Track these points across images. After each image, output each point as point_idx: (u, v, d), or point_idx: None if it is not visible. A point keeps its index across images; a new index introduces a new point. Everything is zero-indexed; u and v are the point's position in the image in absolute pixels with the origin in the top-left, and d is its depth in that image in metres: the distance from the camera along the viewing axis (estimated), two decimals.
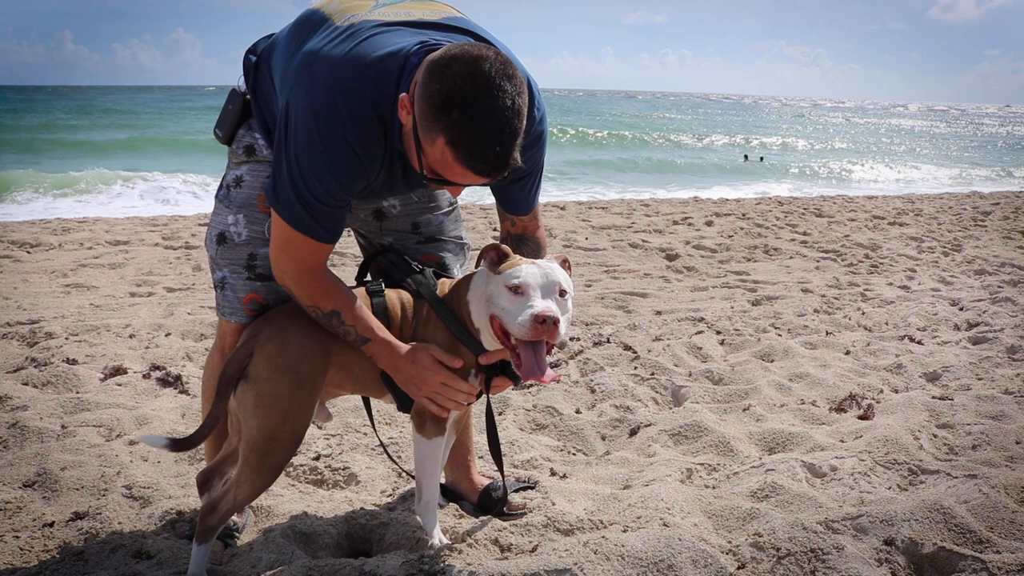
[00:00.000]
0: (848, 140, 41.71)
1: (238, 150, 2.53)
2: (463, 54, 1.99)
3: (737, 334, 5.41)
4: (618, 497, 2.99)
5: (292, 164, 2.16)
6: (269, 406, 2.30)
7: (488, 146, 1.99)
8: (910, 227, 11.24)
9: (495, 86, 1.97)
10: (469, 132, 1.98)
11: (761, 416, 3.89)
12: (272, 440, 2.31)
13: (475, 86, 1.96)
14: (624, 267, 8.07)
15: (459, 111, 1.96)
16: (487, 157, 2.00)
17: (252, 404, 2.30)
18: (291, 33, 2.36)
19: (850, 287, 7.33)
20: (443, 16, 2.34)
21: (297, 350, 2.33)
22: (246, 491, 2.35)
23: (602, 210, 12.26)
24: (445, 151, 2.01)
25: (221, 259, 2.54)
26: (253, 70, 2.47)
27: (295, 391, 2.32)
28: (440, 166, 2.07)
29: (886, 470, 3.23)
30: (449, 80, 1.96)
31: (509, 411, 3.92)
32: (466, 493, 2.96)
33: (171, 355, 4.65)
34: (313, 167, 2.15)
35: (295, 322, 2.37)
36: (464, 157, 2.00)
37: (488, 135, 1.98)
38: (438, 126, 1.99)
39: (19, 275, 7.17)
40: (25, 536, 2.66)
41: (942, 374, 4.57)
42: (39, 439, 3.43)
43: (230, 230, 2.51)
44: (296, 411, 2.33)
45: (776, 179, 22.24)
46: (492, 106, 1.97)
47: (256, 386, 2.30)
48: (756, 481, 3.11)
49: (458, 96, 1.96)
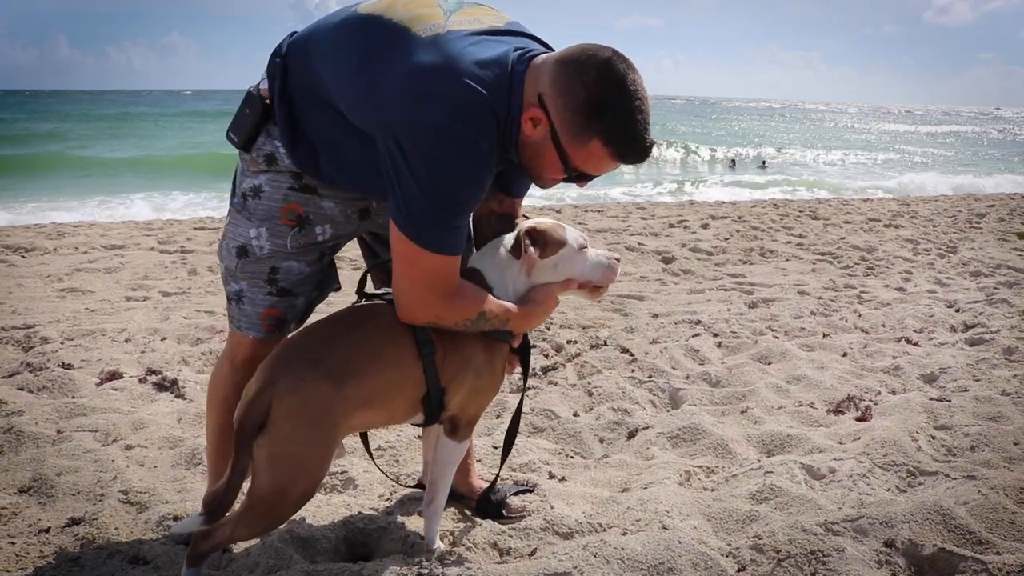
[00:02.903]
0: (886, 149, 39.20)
1: (258, 159, 2.42)
2: (591, 59, 2.14)
3: (734, 336, 5.41)
4: (617, 500, 2.98)
5: (430, 190, 2.12)
6: (284, 465, 2.17)
7: (642, 138, 2.18)
8: (905, 229, 11.25)
9: (631, 82, 2.14)
10: (624, 130, 2.16)
11: (759, 418, 3.88)
12: (282, 496, 2.19)
13: (618, 87, 2.13)
14: (620, 270, 8.07)
15: (612, 114, 2.13)
16: (641, 147, 2.20)
17: (266, 459, 2.17)
18: (349, 42, 2.28)
19: (846, 289, 7.34)
20: (505, 23, 2.36)
21: (318, 405, 2.18)
22: (244, 533, 2.27)
23: (598, 213, 12.26)
24: (601, 151, 2.19)
25: (240, 272, 2.50)
26: (281, 72, 2.36)
27: (313, 450, 2.20)
28: (591, 164, 2.24)
29: (885, 472, 3.23)
30: (592, 87, 2.12)
31: (507, 414, 3.91)
32: (465, 496, 2.95)
33: (167, 359, 4.63)
34: (458, 184, 2.15)
35: (315, 371, 2.20)
36: (622, 152, 2.20)
37: (640, 128, 2.17)
38: (592, 131, 2.15)
39: (14, 279, 7.14)
40: (20, 542, 2.65)
41: (939, 376, 4.57)
42: (34, 444, 3.41)
43: (252, 243, 2.47)
44: (311, 470, 2.22)
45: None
46: (637, 102, 2.15)
47: (272, 443, 2.15)
48: (755, 483, 3.11)
49: (607, 100, 2.13)
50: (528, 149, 2.24)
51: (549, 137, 2.19)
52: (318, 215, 2.46)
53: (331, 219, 2.48)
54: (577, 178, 2.30)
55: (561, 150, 2.19)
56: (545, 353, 4.91)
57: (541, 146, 2.22)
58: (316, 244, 2.51)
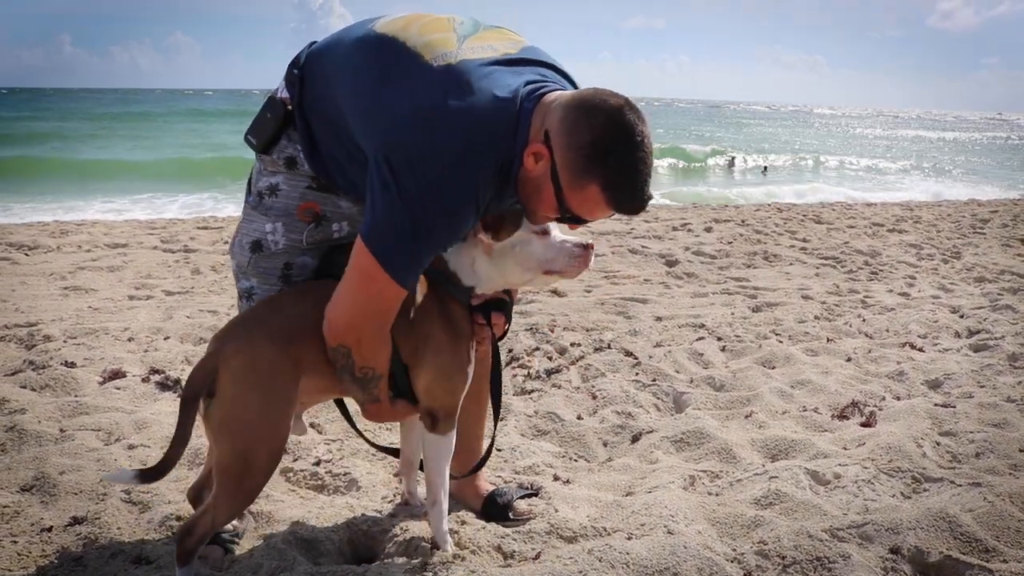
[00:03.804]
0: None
1: (278, 160, 2.45)
2: (603, 104, 2.12)
3: (738, 340, 5.39)
4: (621, 504, 2.97)
5: (417, 217, 2.12)
6: (239, 429, 2.18)
7: (641, 189, 2.16)
8: (909, 234, 11.23)
9: (639, 133, 2.12)
10: (624, 178, 2.14)
11: (763, 423, 3.87)
12: (246, 464, 2.19)
13: (624, 135, 2.11)
14: (624, 273, 8.06)
15: (615, 159, 2.11)
16: (639, 198, 2.18)
17: (219, 426, 2.18)
18: (362, 62, 2.29)
19: (850, 294, 7.32)
20: (519, 49, 2.35)
21: (266, 365, 2.19)
22: (223, 515, 2.25)
23: None
24: (598, 196, 2.15)
25: (253, 268, 2.50)
26: (299, 83, 2.40)
27: (265, 411, 2.20)
28: (585, 208, 2.20)
29: (890, 478, 3.21)
30: (599, 131, 2.10)
31: (511, 417, 3.90)
32: (470, 500, 2.94)
33: (170, 359, 4.62)
34: (444, 219, 2.16)
35: (263, 331, 2.23)
36: (618, 200, 2.17)
37: (640, 179, 2.15)
38: (592, 174, 2.13)
39: (17, 277, 7.14)
40: (23, 541, 2.64)
41: (944, 381, 4.55)
42: (37, 443, 3.40)
43: (267, 238, 2.47)
44: (269, 433, 2.21)
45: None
46: (641, 153, 2.13)
47: (222, 408, 2.17)
48: (759, 488, 3.09)
49: (611, 146, 2.10)
50: (527, 185, 2.24)
51: (549, 175, 2.17)
52: (335, 213, 2.47)
53: (348, 217, 2.48)
54: (570, 220, 2.27)
55: (559, 189, 2.17)
56: (549, 355, 4.90)
57: (540, 183, 2.20)
58: (332, 241, 2.51)
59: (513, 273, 2.45)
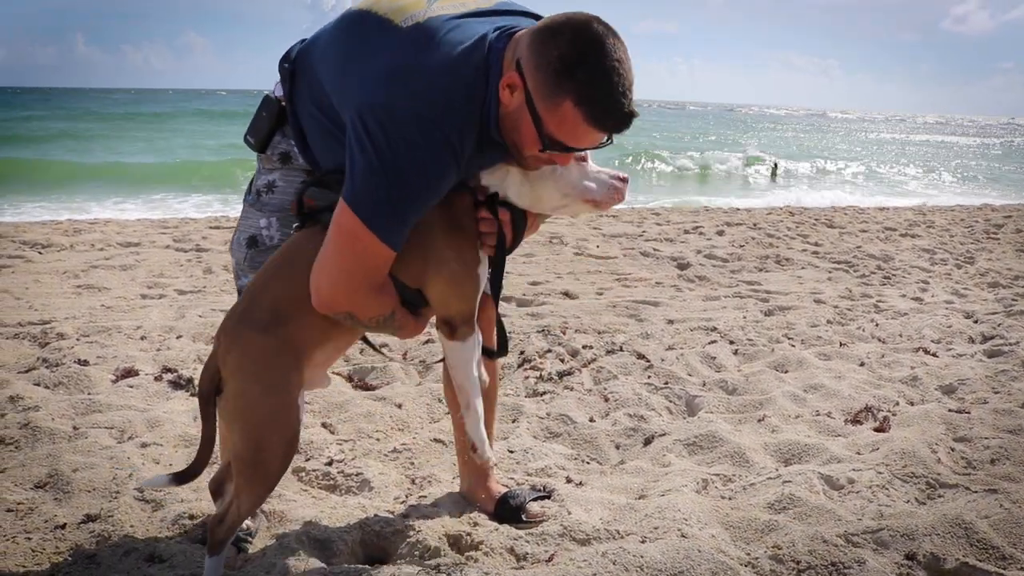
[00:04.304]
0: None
1: (272, 156, 2.50)
2: (568, 21, 2.05)
3: (750, 344, 5.37)
4: (634, 507, 2.96)
5: (392, 174, 2.07)
6: (247, 420, 2.21)
7: (616, 100, 2.05)
8: (922, 239, 11.18)
9: (609, 44, 2.03)
10: (596, 89, 2.04)
11: (776, 427, 3.85)
12: (259, 450, 2.21)
13: (593, 46, 2.03)
14: (636, 275, 8.04)
15: (583, 71, 2.02)
16: (616, 110, 2.07)
17: (230, 420, 2.23)
18: (339, 38, 2.30)
19: (863, 298, 7.29)
20: (494, 3, 2.33)
21: (258, 355, 2.21)
22: (247, 503, 2.27)
23: (613, 218, 12.23)
24: (574, 113, 2.06)
25: (249, 264, 2.52)
26: (290, 77, 2.42)
27: (266, 397, 2.21)
28: (565, 131, 2.10)
29: (904, 483, 3.20)
30: (566, 45, 2.03)
31: (523, 419, 3.89)
32: (483, 501, 2.93)
33: (182, 358, 4.63)
34: (421, 174, 2.10)
35: (249, 324, 2.23)
36: (594, 114, 2.06)
37: (614, 89, 2.04)
38: (563, 89, 2.04)
39: (31, 275, 7.17)
40: (37, 538, 2.64)
41: (958, 387, 4.52)
42: (51, 440, 3.41)
43: (262, 233, 2.50)
44: (275, 416, 2.22)
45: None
46: (612, 62, 2.03)
47: (228, 402, 2.21)
48: (773, 493, 3.08)
49: (579, 58, 2.02)
50: (507, 121, 2.17)
51: (525, 105, 2.10)
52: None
53: None
54: (553, 147, 2.15)
55: (537, 118, 2.10)
56: (561, 358, 4.89)
57: (517, 116, 2.13)
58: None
59: (550, 197, 2.37)
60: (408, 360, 4.78)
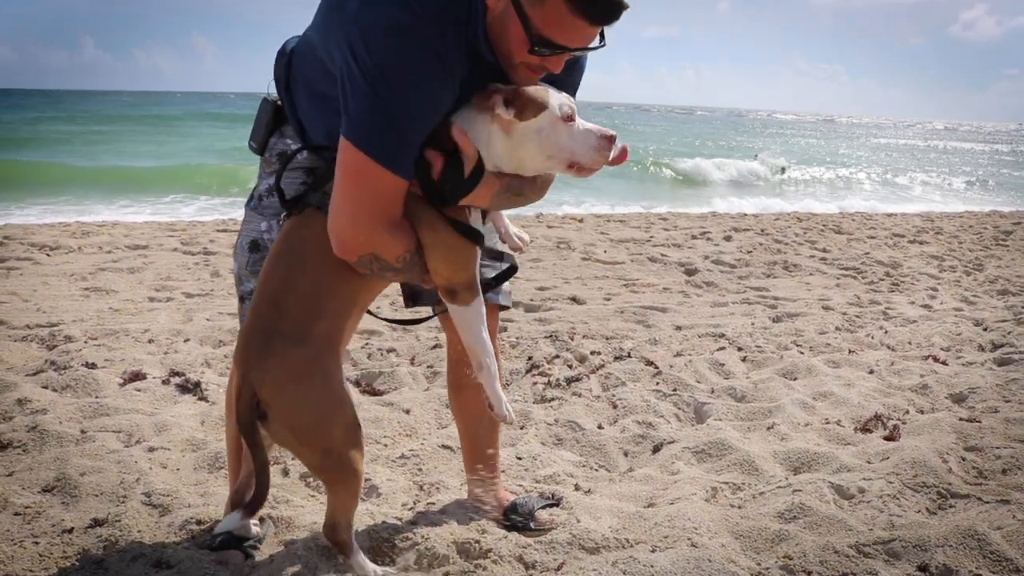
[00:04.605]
0: None
1: (271, 158, 2.50)
2: None
3: (759, 351, 5.35)
4: (643, 515, 2.94)
5: (384, 94, 2.02)
6: (307, 432, 2.21)
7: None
8: (930, 245, 11.15)
9: None
10: None
11: (786, 435, 3.83)
12: (332, 453, 2.22)
13: None
14: (643, 281, 8.02)
15: None
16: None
17: (292, 439, 2.22)
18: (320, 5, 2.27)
19: (871, 305, 7.26)
20: None
21: (301, 367, 2.18)
22: (345, 498, 2.31)
23: (620, 223, 12.22)
24: (560, 5, 2.00)
25: (251, 269, 2.51)
26: (285, 68, 2.41)
27: (319, 403, 2.20)
28: (553, 26, 2.03)
29: (915, 493, 3.18)
30: None
31: (531, 425, 3.88)
32: (491, 509, 2.92)
33: (190, 361, 4.63)
34: (412, 88, 2.04)
35: (282, 339, 2.19)
36: (580, 3, 2.00)
37: None
38: None
39: (39, 277, 7.18)
40: (44, 542, 2.64)
41: (968, 395, 4.50)
42: (58, 443, 3.41)
43: (263, 237, 2.50)
44: (333, 413, 2.21)
45: None
46: None
47: (284, 423, 2.18)
48: (783, 502, 3.06)
49: None
50: (495, 28, 2.11)
51: (511, 4, 2.04)
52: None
53: None
54: (545, 50, 2.07)
55: (523, 16, 2.03)
56: (568, 363, 4.87)
57: (505, 18, 2.07)
58: None
59: (533, 158, 2.23)
60: (416, 364, 4.77)
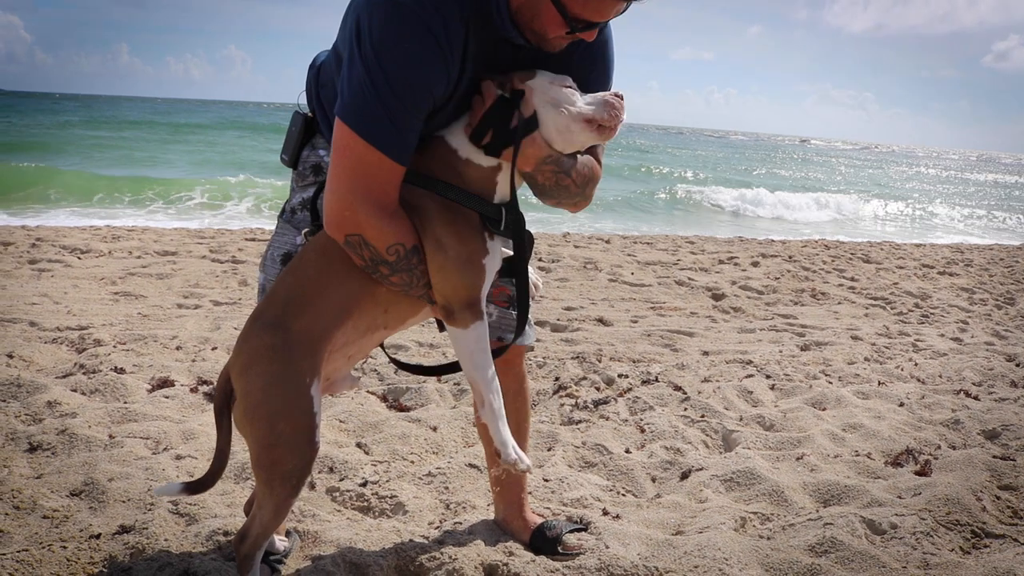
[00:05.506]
0: None
1: (305, 171, 2.50)
2: None
3: (787, 379, 5.30)
4: (672, 543, 2.90)
5: (376, 71, 2.00)
6: (255, 415, 2.12)
7: None
8: (960, 277, 11.03)
9: None
10: None
11: (815, 466, 3.78)
12: (272, 447, 2.12)
13: None
14: (670, 305, 7.98)
15: None
16: None
17: (241, 422, 2.16)
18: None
19: (900, 336, 7.18)
20: None
21: (264, 350, 2.13)
22: (268, 511, 2.18)
23: (647, 245, 12.18)
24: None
25: None
26: (315, 79, 2.42)
27: (273, 388, 2.11)
28: (588, 4, 2.01)
29: (948, 531, 3.12)
30: None
31: (558, 447, 3.85)
32: (518, 531, 2.89)
33: (217, 369, 4.64)
34: (405, 67, 2.02)
35: (259, 325, 2.18)
36: None
37: None
38: None
39: (69, 280, 7.24)
40: (72, 547, 2.64)
41: (1001, 432, 4.42)
42: (87, 448, 3.42)
43: (297, 250, 2.49)
44: (286, 407, 2.12)
45: None
46: None
47: (239, 405, 2.16)
48: (814, 535, 3.01)
49: None
50: (525, 12, 2.08)
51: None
52: None
53: None
54: (581, 27, 2.06)
55: (557, 2, 2.00)
56: (596, 386, 4.84)
57: (535, 3, 2.04)
58: None
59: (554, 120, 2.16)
60: (443, 382, 4.76)
